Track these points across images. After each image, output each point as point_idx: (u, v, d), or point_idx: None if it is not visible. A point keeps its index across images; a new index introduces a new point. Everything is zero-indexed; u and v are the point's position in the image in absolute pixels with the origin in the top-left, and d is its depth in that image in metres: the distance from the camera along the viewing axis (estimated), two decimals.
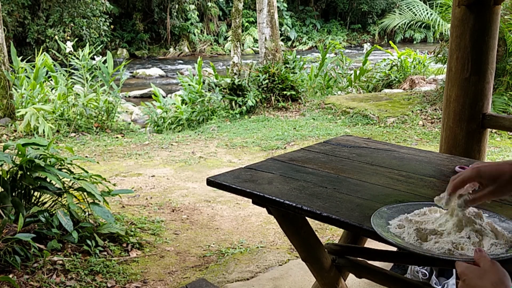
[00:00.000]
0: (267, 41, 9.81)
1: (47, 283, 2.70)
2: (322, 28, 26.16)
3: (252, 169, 1.91)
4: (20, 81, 7.77)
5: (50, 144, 3.29)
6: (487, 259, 1.03)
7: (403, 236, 1.25)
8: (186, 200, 4.31)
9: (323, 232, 3.55)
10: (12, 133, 6.70)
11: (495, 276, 0.98)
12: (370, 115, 7.25)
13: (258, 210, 3.90)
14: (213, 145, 6.28)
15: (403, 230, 1.27)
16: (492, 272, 0.99)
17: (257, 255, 3.25)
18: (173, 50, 22.17)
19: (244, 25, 22.89)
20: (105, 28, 18.11)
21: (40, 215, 3.04)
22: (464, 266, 1.04)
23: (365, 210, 1.47)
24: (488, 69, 2.77)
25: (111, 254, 3.14)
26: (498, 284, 0.96)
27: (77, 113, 7.34)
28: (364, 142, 2.29)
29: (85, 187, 3.16)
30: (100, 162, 5.51)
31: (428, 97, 7.54)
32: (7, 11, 16.17)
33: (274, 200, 1.61)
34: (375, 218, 1.34)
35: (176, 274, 3.01)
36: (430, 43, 23.02)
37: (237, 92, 8.23)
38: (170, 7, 21.57)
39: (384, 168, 1.90)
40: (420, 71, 10.11)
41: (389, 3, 25.35)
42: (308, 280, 2.77)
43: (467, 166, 1.87)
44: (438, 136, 6.07)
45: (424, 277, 2.49)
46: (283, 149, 5.89)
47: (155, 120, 8.41)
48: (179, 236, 3.57)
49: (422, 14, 8.81)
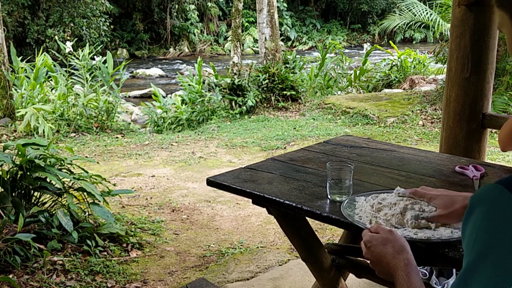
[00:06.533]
0: (267, 41, 9.81)
1: (47, 283, 2.70)
2: (322, 28, 26.14)
3: (252, 169, 1.91)
4: (20, 81, 7.77)
5: (50, 144, 3.29)
6: (386, 228, 1.15)
7: (358, 210, 1.45)
8: (186, 200, 4.31)
9: (323, 232, 3.55)
10: (12, 133, 6.70)
11: (397, 243, 1.08)
12: (370, 115, 7.25)
13: (258, 210, 3.90)
14: (213, 145, 6.28)
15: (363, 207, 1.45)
16: (394, 239, 1.10)
17: (257, 255, 3.25)
18: (173, 50, 22.17)
19: (244, 25, 22.88)
20: (105, 28, 18.10)
21: (40, 215, 3.04)
22: (369, 235, 1.15)
23: None
24: (488, 69, 2.77)
25: (111, 254, 3.14)
26: (400, 249, 1.07)
27: (77, 113, 7.34)
28: (364, 142, 2.29)
29: (85, 187, 3.16)
30: (100, 162, 5.51)
31: (428, 97, 7.54)
32: (7, 11, 16.16)
33: (274, 200, 1.61)
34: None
35: (176, 274, 3.01)
36: (430, 43, 23.01)
37: (237, 92, 8.23)
38: (170, 7, 21.56)
39: (384, 168, 1.90)
40: (420, 71, 10.11)
41: (389, 3, 25.33)
42: (308, 280, 2.77)
43: (467, 166, 1.87)
44: (438, 136, 6.07)
45: (424, 277, 2.49)
46: (283, 149, 5.89)
47: (155, 120, 8.41)
48: (179, 236, 3.57)
49: (422, 14, 8.81)
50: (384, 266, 1.07)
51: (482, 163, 2.03)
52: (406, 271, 1.01)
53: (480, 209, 0.73)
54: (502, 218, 0.69)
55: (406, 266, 1.02)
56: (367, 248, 1.13)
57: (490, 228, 0.70)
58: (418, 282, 0.99)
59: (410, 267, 1.02)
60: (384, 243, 1.09)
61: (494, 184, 0.74)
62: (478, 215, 0.72)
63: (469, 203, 0.76)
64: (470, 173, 1.82)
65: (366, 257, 1.14)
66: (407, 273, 1.00)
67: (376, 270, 1.11)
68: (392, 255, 1.06)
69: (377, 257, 1.09)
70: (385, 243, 1.09)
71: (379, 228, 1.16)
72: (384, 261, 1.07)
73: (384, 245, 1.09)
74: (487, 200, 0.73)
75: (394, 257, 1.05)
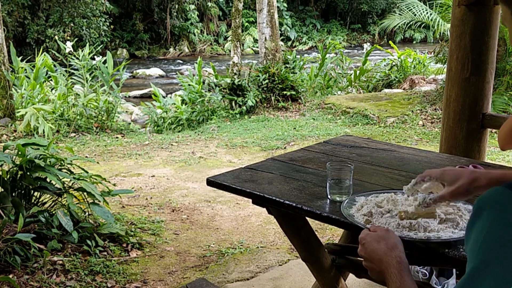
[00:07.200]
0: (267, 41, 9.81)
1: (47, 283, 2.70)
2: (322, 28, 26.14)
3: (252, 169, 1.91)
4: (20, 81, 7.77)
5: (50, 144, 3.29)
6: (383, 228, 1.17)
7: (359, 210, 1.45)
8: (186, 200, 4.31)
9: (323, 232, 3.55)
10: (12, 133, 6.70)
11: (391, 241, 1.10)
12: (370, 115, 7.25)
13: (258, 210, 3.90)
14: (213, 145, 6.28)
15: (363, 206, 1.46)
16: (388, 237, 1.11)
17: (257, 255, 3.25)
18: (173, 50, 22.16)
19: (244, 25, 22.88)
20: (105, 28, 18.10)
21: (40, 215, 3.04)
22: (365, 232, 1.16)
23: None
24: (488, 69, 2.77)
25: (111, 254, 3.14)
26: (393, 247, 1.08)
27: (77, 113, 7.34)
28: (364, 142, 2.29)
29: (85, 187, 3.16)
30: (100, 162, 5.51)
31: (428, 97, 7.54)
32: (7, 11, 16.16)
33: (274, 200, 1.61)
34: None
35: (176, 274, 3.01)
36: (430, 43, 23.00)
37: (237, 92, 8.23)
38: (170, 7, 21.56)
39: (384, 168, 1.90)
40: (420, 71, 10.10)
41: (389, 3, 25.33)
42: (308, 280, 2.77)
43: (467, 166, 1.87)
44: (438, 136, 6.07)
45: (424, 277, 2.48)
46: (283, 149, 5.89)
47: (155, 120, 8.41)
48: (179, 236, 3.57)
49: (422, 14, 8.81)
50: (376, 263, 1.07)
51: (482, 163, 2.03)
52: (398, 269, 1.01)
53: (488, 213, 0.71)
54: (511, 224, 0.67)
55: (398, 263, 1.02)
56: (361, 245, 1.14)
57: (499, 234, 0.68)
58: (410, 280, 0.98)
59: (402, 265, 1.02)
60: (378, 241, 1.10)
61: (502, 187, 0.72)
62: (486, 219, 0.71)
63: (475, 205, 0.74)
64: None
65: (360, 254, 1.14)
66: (399, 271, 1.00)
67: (369, 269, 1.11)
68: (385, 252, 1.06)
69: (370, 253, 1.10)
70: (379, 241, 1.10)
71: (377, 228, 1.17)
72: (376, 258, 1.07)
73: (378, 242, 1.10)
74: (496, 205, 0.71)
75: (387, 254, 1.05)
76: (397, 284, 0.98)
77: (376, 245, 1.09)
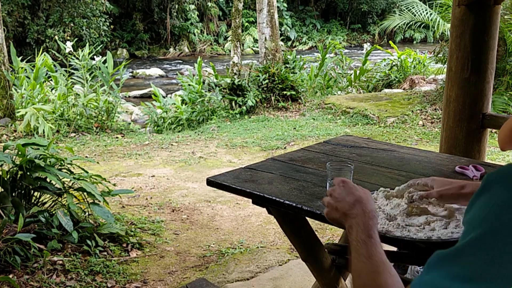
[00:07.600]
0: (267, 41, 9.81)
1: (47, 283, 2.70)
2: (322, 28, 26.14)
3: (252, 169, 1.91)
4: (20, 81, 7.77)
5: (50, 144, 3.29)
6: (349, 181, 1.19)
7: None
8: (186, 200, 4.30)
9: (323, 232, 3.55)
10: (12, 133, 6.70)
11: (362, 191, 1.12)
12: (370, 115, 7.25)
13: (258, 210, 3.90)
14: (213, 145, 6.28)
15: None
16: (358, 188, 1.14)
17: (257, 255, 3.25)
18: (173, 50, 22.16)
19: (244, 25, 22.88)
20: (105, 28, 18.10)
21: (40, 215, 3.04)
22: (333, 187, 1.19)
23: None
24: (488, 69, 2.77)
25: (111, 254, 3.14)
26: (362, 195, 1.10)
27: (77, 113, 7.34)
28: (364, 142, 2.29)
29: (85, 187, 3.16)
30: (100, 162, 5.51)
31: (428, 97, 7.54)
32: (7, 11, 16.16)
33: (274, 200, 1.61)
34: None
35: (176, 274, 3.01)
36: (430, 43, 23.00)
37: (237, 92, 8.23)
38: (170, 7, 21.56)
39: (384, 168, 1.90)
40: (420, 71, 10.11)
41: (389, 3, 25.34)
42: (308, 280, 2.77)
43: (467, 166, 1.87)
44: (438, 136, 6.07)
45: None
46: (283, 149, 5.89)
47: (155, 120, 8.41)
48: (179, 236, 3.57)
49: (422, 14, 8.81)
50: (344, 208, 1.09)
51: (482, 163, 2.03)
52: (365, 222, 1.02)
53: (500, 186, 0.66)
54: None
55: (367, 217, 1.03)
56: (329, 196, 1.16)
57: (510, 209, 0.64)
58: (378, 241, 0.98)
59: (370, 220, 1.02)
60: (348, 194, 1.12)
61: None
62: (496, 192, 0.66)
63: (484, 181, 0.70)
64: (470, 173, 1.82)
65: (328, 194, 1.17)
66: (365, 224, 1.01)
67: (330, 209, 1.14)
68: (353, 203, 1.08)
69: (342, 195, 1.12)
70: (348, 193, 1.12)
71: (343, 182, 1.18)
72: (345, 206, 1.09)
73: (348, 194, 1.12)
74: (510, 179, 0.66)
75: (355, 205, 1.07)
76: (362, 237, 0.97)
77: (346, 197, 1.11)
